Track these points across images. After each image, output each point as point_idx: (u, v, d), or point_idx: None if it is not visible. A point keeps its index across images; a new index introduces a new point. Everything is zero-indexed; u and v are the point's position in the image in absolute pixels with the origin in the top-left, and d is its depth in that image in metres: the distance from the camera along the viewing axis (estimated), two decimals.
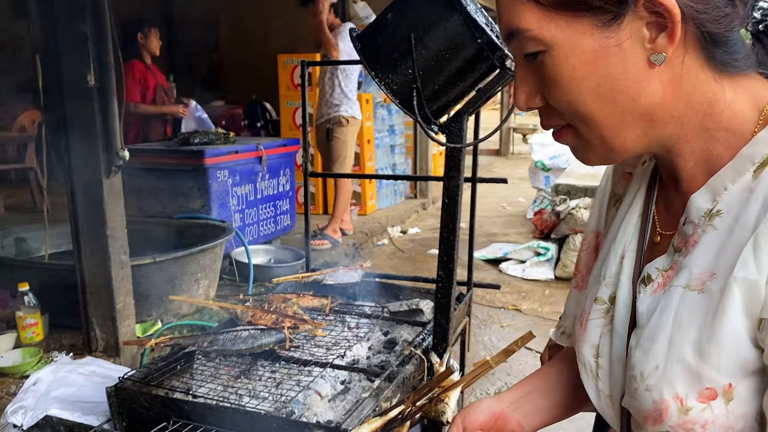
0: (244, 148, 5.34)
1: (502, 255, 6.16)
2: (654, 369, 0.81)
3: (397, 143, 8.66)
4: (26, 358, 3.19)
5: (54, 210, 4.19)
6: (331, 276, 2.92)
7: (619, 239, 0.98)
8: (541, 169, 8.30)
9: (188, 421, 1.77)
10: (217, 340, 2.20)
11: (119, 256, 3.17)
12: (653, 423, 0.81)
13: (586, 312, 0.99)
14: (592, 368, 0.95)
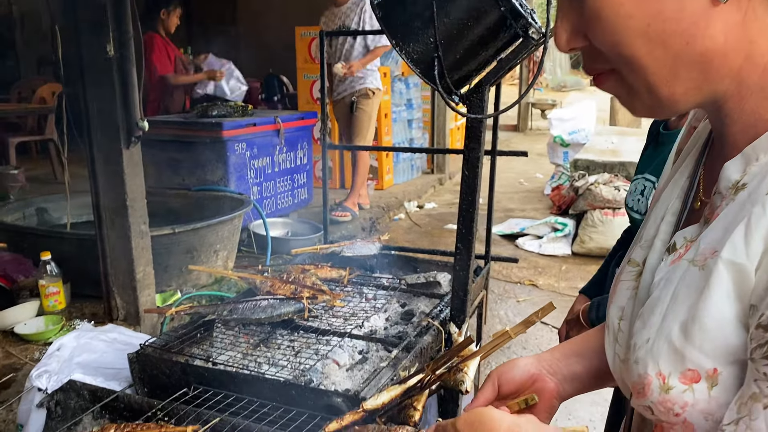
0: (262, 120, 5.34)
1: (519, 230, 6.14)
2: (645, 341, 0.78)
3: (415, 117, 8.61)
4: (49, 326, 3.25)
5: (74, 181, 4.22)
6: (349, 248, 2.93)
7: (663, 200, 0.92)
8: (560, 144, 8.21)
9: (208, 388, 1.79)
10: (237, 309, 2.22)
11: (139, 226, 3.20)
12: (637, 396, 0.80)
13: (621, 272, 0.95)
14: (614, 330, 0.92)
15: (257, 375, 1.84)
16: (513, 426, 0.88)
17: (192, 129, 5.05)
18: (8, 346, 3.13)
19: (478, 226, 2.20)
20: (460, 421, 0.93)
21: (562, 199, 6.33)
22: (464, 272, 2.18)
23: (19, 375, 2.87)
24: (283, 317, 2.25)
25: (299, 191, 5.99)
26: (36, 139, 7.91)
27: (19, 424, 1.92)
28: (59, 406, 1.81)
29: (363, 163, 6.42)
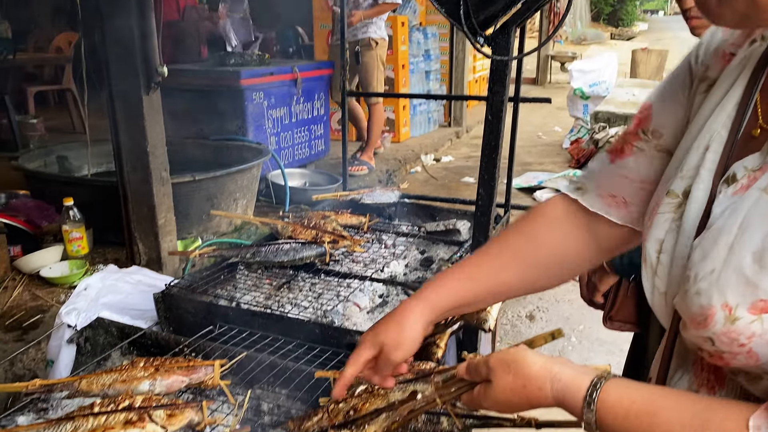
0: (279, 70, 5.29)
1: (537, 183, 6.10)
2: (708, 272, 0.77)
3: (432, 69, 8.48)
4: (73, 270, 3.31)
5: (93, 132, 4.24)
6: (368, 195, 2.94)
7: (706, 129, 0.89)
8: (580, 97, 8.09)
9: (233, 326, 1.83)
10: (260, 252, 2.25)
11: (160, 173, 3.21)
12: (696, 327, 0.79)
13: (657, 204, 0.93)
14: (652, 264, 0.90)
15: (282, 314, 1.87)
16: (546, 364, 0.89)
17: (210, 77, 5.02)
18: (35, 288, 3.20)
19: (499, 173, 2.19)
20: (493, 359, 0.94)
21: (581, 153, 6.27)
22: (485, 218, 2.18)
23: (46, 316, 2.94)
24: (305, 261, 2.28)
25: (316, 142, 5.98)
26: (54, 88, 7.90)
27: (49, 360, 1.98)
28: (88, 342, 1.86)
29: (378, 114, 6.35)
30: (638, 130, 1.04)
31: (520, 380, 0.89)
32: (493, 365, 0.93)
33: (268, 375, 1.53)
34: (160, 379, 1.40)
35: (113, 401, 1.32)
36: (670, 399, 0.80)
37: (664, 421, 0.77)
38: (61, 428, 1.25)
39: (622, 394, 0.82)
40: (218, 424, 1.33)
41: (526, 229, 1.16)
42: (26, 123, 6.49)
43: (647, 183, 1.03)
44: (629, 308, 1.76)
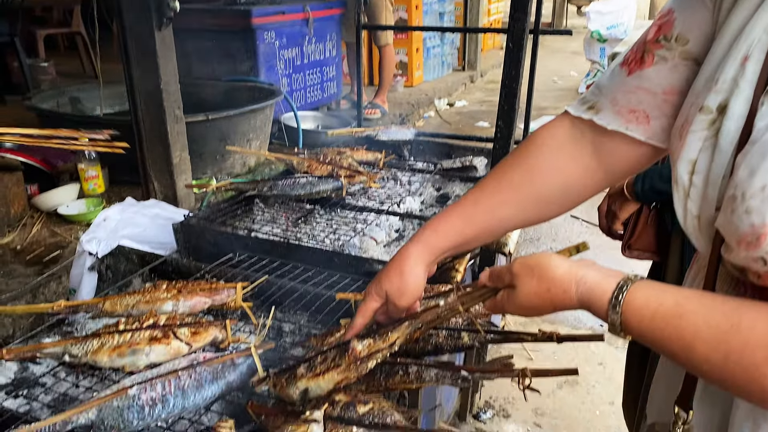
0: (291, 9, 5.19)
1: None
2: (759, 189, 0.72)
3: (447, 10, 8.30)
4: (90, 207, 3.34)
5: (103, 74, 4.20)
6: (384, 132, 2.91)
7: (744, 36, 0.82)
8: (597, 39, 7.88)
9: (252, 254, 1.84)
10: (276, 186, 2.25)
11: (173, 111, 3.19)
12: (746, 247, 0.74)
13: (687, 122, 0.87)
14: (684, 186, 0.85)
15: (300, 243, 1.88)
16: (572, 268, 0.87)
17: (221, 17, 4.94)
18: (53, 225, 3.24)
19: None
20: (516, 264, 0.93)
21: None
22: (504, 151, 2.16)
23: (65, 252, 2.98)
24: (321, 194, 2.27)
25: (328, 85, 5.91)
26: (63, 32, 7.82)
27: (71, 289, 2.01)
28: (109, 270, 1.89)
29: (388, 57, 6.24)
30: (659, 37, 0.97)
31: (545, 284, 0.88)
32: (516, 270, 0.92)
33: (289, 299, 1.55)
34: (183, 300, 1.41)
35: (138, 320, 1.34)
36: (699, 301, 0.78)
37: (692, 323, 0.75)
38: (87, 345, 1.27)
39: (649, 296, 0.80)
40: (241, 342, 1.35)
41: (526, 161, 1.11)
42: (37, 66, 6.46)
43: (671, 94, 0.97)
44: (649, 236, 1.75)
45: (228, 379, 1.15)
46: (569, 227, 4.30)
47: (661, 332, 0.78)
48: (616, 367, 2.96)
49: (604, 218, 1.83)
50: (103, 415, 1.07)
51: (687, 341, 0.75)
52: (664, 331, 0.78)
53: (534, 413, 2.66)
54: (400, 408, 1.07)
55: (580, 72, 8.84)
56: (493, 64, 9.50)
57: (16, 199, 3.21)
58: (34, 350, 1.28)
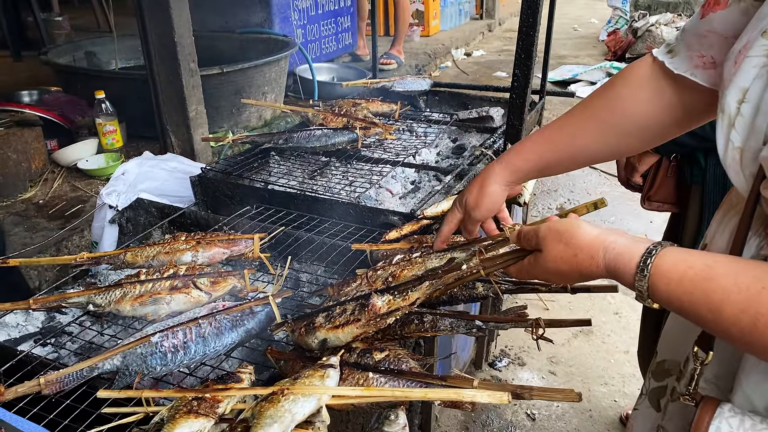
0: None
1: (572, 76, 5.92)
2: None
3: None
4: (109, 162, 3.36)
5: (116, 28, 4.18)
6: (399, 83, 2.88)
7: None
8: None
9: (269, 206, 1.86)
10: (292, 138, 2.25)
11: (188, 64, 3.18)
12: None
13: (746, 47, 0.82)
14: (730, 115, 0.82)
15: (317, 195, 1.89)
16: (601, 234, 0.86)
17: None
18: (73, 180, 3.28)
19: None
20: (543, 228, 0.92)
21: (619, 44, 6.02)
22: (521, 101, 2.13)
23: (86, 206, 3.02)
24: (337, 146, 2.27)
25: (343, 35, 5.82)
26: None
27: (93, 241, 2.05)
28: (130, 222, 1.92)
29: (403, 6, 6.11)
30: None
31: (572, 249, 0.87)
32: (543, 234, 0.91)
33: (306, 250, 1.57)
34: (202, 251, 1.44)
35: (158, 270, 1.37)
36: (729, 264, 0.76)
37: (721, 286, 0.73)
38: (110, 294, 1.31)
39: (677, 260, 0.78)
40: (259, 291, 1.38)
41: (609, 93, 1.11)
42: (51, 21, 6.43)
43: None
44: (669, 188, 1.74)
45: (247, 327, 1.18)
46: (587, 179, 4.27)
47: (690, 296, 0.76)
48: (632, 316, 2.98)
49: (622, 170, 1.82)
50: (128, 361, 1.11)
51: (715, 304, 0.74)
52: (692, 294, 0.76)
53: (549, 362, 2.69)
54: (416, 355, 1.09)
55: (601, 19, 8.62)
56: (511, 12, 9.29)
57: (36, 155, 3.25)
58: (60, 300, 1.32)
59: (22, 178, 3.17)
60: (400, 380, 1.00)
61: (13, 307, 1.33)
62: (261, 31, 4.75)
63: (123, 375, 1.10)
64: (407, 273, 1.17)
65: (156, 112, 3.32)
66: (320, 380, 0.94)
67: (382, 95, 2.83)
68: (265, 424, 0.84)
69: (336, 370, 0.97)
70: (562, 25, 8.66)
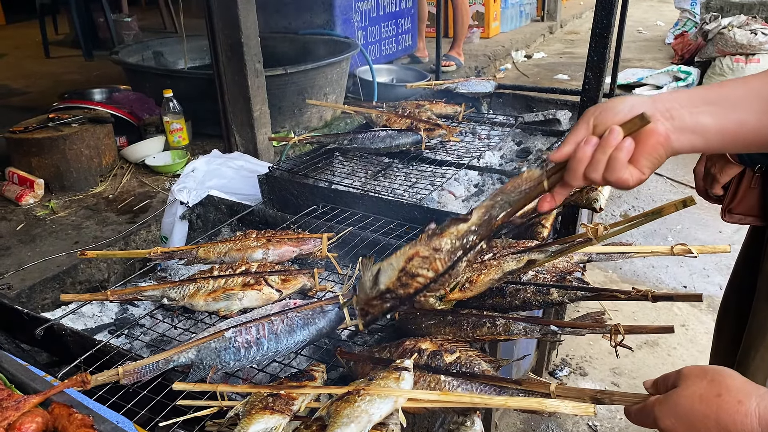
0: None
1: (637, 80, 5.75)
2: None
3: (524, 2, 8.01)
4: (176, 159, 3.46)
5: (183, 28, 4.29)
6: (463, 85, 2.86)
7: None
8: None
9: (335, 206, 1.86)
10: (356, 139, 2.25)
11: (254, 65, 3.24)
12: None
13: None
14: None
15: (381, 196, 1.89)
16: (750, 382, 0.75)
17: None
18: (141, 176, 3.38)
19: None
20: (687, 368, 0.82)
21: (687, 47, 5.82)
22: (592, 104, 2.08)
23: (154, 201, 3.11)
24: (401, 148, 2.26)
25: (403, 37, 5.83)
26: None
27: (162, 236, 2.10)
28: (199, 219, 1.96)
29: (462, 7, 6.06)
30: None
31: (716, 388, 0.76)
32: (687, 371, 0.82)
33: (372, 251, 1.57)
34: (273, 248, 1.45)
35: (230, 267, 1.39)
36: None
37: None
38: (184, 288, 1.33)
39: None
40: (328, 291, 1.38)
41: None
42: (121, 22, 6.66)
43: None
44: (752, 200, 1.66)
45: (318, 325, 1.18)
46: (653, 185, 4.14)
47: None
48: (699, 328, 2.88)
49: (701, 180, 1.75)
50: (202, 355, 1.13)
51: None
52: None
53: (612, 373, 2.62)
54: (487, 356, 1.07)
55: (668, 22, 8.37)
56: (573, 14, 9.13)
57: (107, 151, 3.36)
58: (136, 292, 1.35)
59: (93, 173, 3.29)
60: (473, 384, 0.99)
61: (92, 298, 1.37)
62: (323, 33, 4.80)
63: (197, 368, 1.12)
64: (484, 278, 1.15)
65: (221, 111, 3.39)
66: (395, 382, 0.93)
67: (445, 97, 2.81)
68: (342, 423, 0.84)
69: (410, 373, 0.96)
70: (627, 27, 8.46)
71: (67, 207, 3.07)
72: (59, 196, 3.17)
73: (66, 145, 3.14)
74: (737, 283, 1.87)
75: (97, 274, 2.30)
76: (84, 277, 2.05)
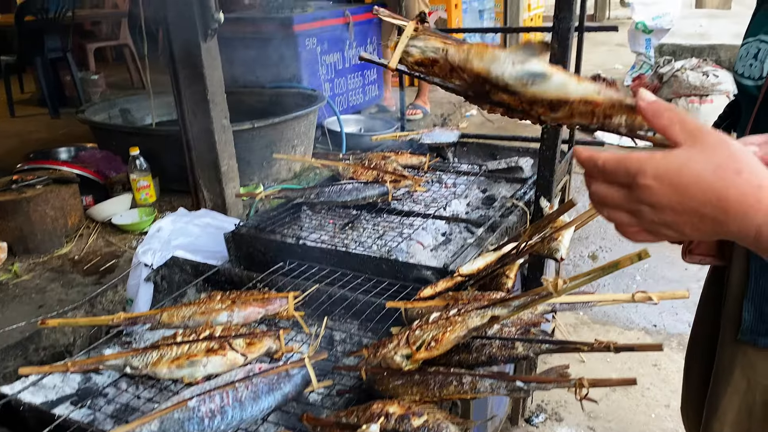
0: (332, 14, 5.23)
1: None
2: None
3: (486, 8, 8.23)
4: (143, 217, 3.43)
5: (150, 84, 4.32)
6: (428, 135, 2.91)
7: None
8: (642, 31, 7.69)
9: (302, 262, 1.86)
10: (323, 193, 2.27)
11: (221, 120, 3.25)
12: None
13: None
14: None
15: (349, 251, 1.89)
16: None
17: (263, 25, 5.01)
18: (108, 235, 3.34)
19: None
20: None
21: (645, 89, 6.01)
22: (551, 151, 2.13)
23: (120, 261, 3.07)
24: (368, 200, 2.28)
25: (370, 88, 5.93)
26: (112, 44, 8.05)
27: (128, 299, 2.07)
28: (165, 280, 1.94)
29: None
30: None
31: (738, 164, 0.61)
32: (700, 133, 0.63)
33: (339, 307, 1.56)
34: (238, 310, 1.44)
35: (194, 331, 1.37)
36: None
37: None
38: (147, 356, 1.31)
39: None
40: (294, 352, 1.36)
41: None
42: (88, 79, 6.67)
43: None
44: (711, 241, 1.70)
45: (284, 390, 1.17)
46: None
47: None
48: (671, 367, 2.90)
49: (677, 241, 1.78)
50: (165, 426, 1.10)
51: None
52: None
53: (587, 417, 2.61)
54: (456, 418, 1.06)
55: (625, 65, 8.65)
56: None
57: (72, 211, 3.32)
58: (97, 362, 1.32)
59: (58, 234, 3.24)
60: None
61: (52, 370, 1.34)
62: (290, 86, 4.87)
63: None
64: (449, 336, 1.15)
65: (189, 167, 3.39)
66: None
67: (411, 147, 2.85)
68: None
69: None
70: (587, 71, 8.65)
71: (31, 270, 3.02)
72: (23, 259, 3.11)
73: (30, 208, 3.10)
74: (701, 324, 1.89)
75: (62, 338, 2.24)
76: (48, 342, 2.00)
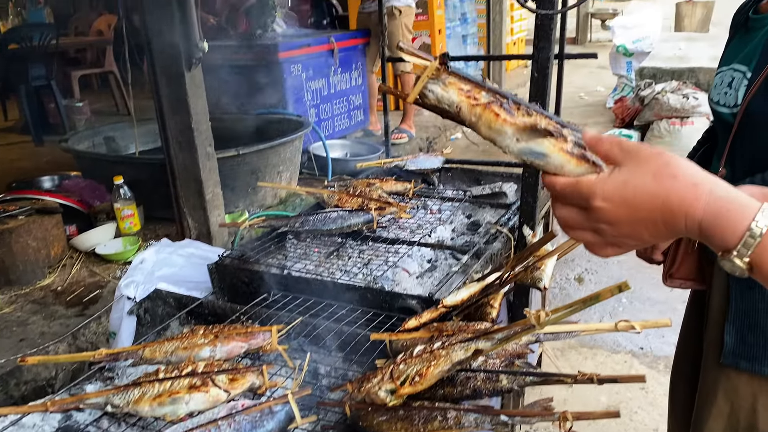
0: (317, 41, 5.28)
1: None
2: None
3: (470, 33, 8.35)
4: (127, 246, 3.40)
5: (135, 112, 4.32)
6: (412, 162, 2.92)
7: None
8: (623, 54, 7.83)
9: (287, 293, 1.85)
10: (308, 221, 2.26)
11: (205, 148, 3.25)
12: None
13: None
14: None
15: (334, 280, 1.88)
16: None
17: (248, 52, 5.04)
18: (91, 265, 3.31)
19: None
20: (634, 142, 0.72)
21: (626, 111, 6.10)
22: (533, 178, 2.14)
23: (104, 292, 3.03)
24: (352, 228, 2.28)
25: (355, 113, 5.96)
26: (96, 71, 8.05)
27: (111, 332, 2.04)
28: (148, 313, 1.92)
29: (409, 84, 6.25)
30: None
31: (672, 169, 0.66)
32: (635, 149, 0.69)
33: (324, 340, 1.55)
34: (220, 345, 1.43)
35: (177, 367, 1.35)
36: None
37: None
38: (128, 394, 1.29)
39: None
40: (278, 387, 1.35)
41: None
42: (72, 107, 6.66)
43: None
44: (691, 264, 1.71)
45: (267, 427, 1.15)
46: None
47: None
48: (659, 390, 2.89)
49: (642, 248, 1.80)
50: None
51: None
52: None
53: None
54: None
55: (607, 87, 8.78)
56: (518, 83, 9.49)
57: (56, 241, 3.29)
58: (77, 401, 1.30)
59: (41, 265, 3.21)
60: None
61: (30, 410, 1.31)
62: (276, 112, 4.88)
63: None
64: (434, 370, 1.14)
65: (173, 195, 3.38)
66: None
67: (396, 174, 2.86)
68: None
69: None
70: (569, 93, 8.82)
71: (13, 302, 2.98)
72: (4, 291, 3.07)
73: (12, 239, 3.06)
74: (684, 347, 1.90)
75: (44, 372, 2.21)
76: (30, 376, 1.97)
